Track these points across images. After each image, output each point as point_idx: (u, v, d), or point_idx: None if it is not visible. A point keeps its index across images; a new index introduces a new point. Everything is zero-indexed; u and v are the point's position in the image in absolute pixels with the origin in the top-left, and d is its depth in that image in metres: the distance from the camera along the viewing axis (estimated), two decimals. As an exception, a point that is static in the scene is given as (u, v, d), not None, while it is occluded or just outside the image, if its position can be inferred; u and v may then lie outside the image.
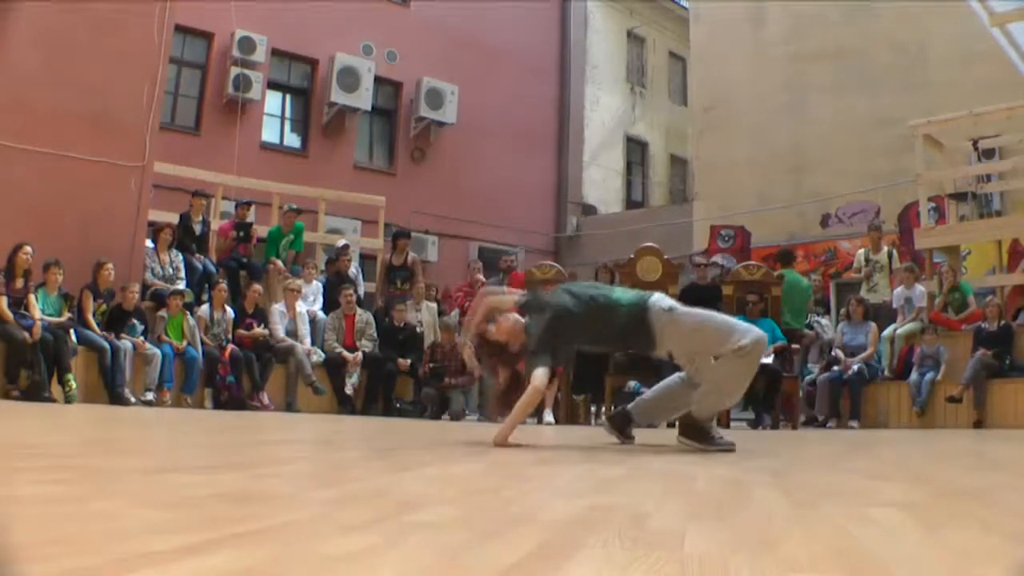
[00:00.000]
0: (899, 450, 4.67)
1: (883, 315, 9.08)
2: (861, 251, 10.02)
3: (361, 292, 9.81)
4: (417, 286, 9.44)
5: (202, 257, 8.94)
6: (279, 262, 9.39)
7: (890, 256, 9.64)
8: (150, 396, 7.54)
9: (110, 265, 7.76)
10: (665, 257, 8.88)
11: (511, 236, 15.69)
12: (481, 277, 9.72)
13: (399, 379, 8.76)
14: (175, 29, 9.46)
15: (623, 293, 3.87)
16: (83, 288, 7.60)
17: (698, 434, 3.70)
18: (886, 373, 8.73)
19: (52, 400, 6.81)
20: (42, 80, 7.90)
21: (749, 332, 3.64)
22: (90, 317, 7.51)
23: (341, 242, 10.20)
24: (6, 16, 7.78)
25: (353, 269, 9.99)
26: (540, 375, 3.54)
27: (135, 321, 7.74)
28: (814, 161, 13.40)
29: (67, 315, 7.36)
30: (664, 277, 8.69)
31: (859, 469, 3.00)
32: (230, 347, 8.09)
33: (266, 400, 8.11)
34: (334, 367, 8.55)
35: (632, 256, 8.88)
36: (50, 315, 7.21)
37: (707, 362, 3.68)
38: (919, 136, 9.82)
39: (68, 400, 6.86)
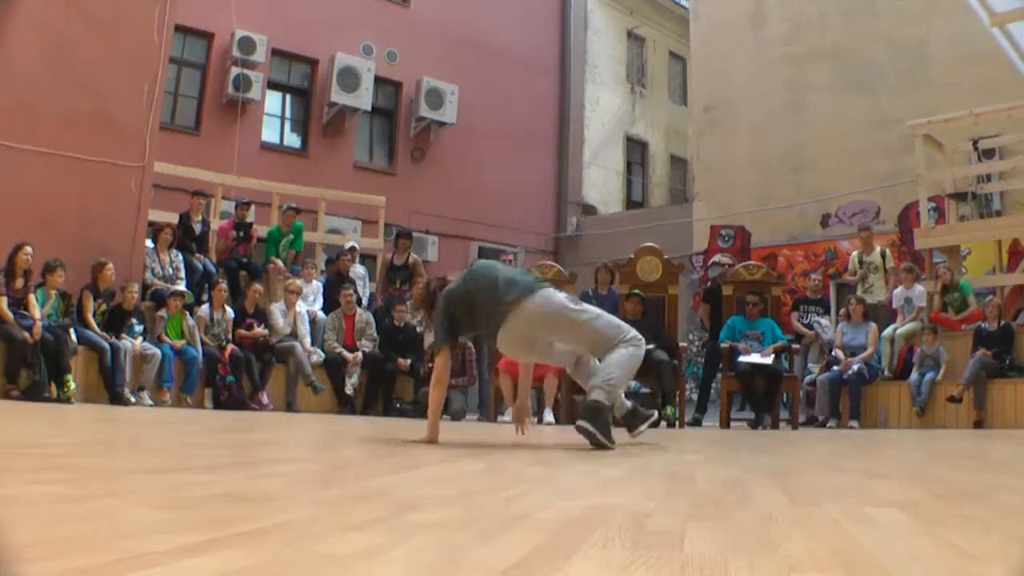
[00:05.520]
0: (899, 450, 4.67)
1: (881, 316, 9.06)
2: (854, 254, 9.98)
3: (367, 292, 9.82)
4: (416, 286, 9.43)
5: (202, 257, 8.93)
6: (279, 262, 9.39)
7: (883, 256, 9.62)
8: (146, 396, 7.54)
9: (110, 265, 7.76)
10: (665, 257, 8.88)
11: (511, 236, 15.69)
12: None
13: (399, 379, 8.75)
14: (175, 29, 9.45)
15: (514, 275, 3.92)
16: (83, 288, 7.60)
17: (603, 422, 3.57)
18: (886, 373, 8.73)
19: (52, 400, 6.81)
20: (42, 80, 7.90)
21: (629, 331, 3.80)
22: (90, 317, 7.52)
23: (349, 244, 10.21)
24: (6, 16, 7.78)
25: (361, 269, 10.00)
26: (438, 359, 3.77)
27: (135, 321, 7.74)
28: (814, 161, 13.40)
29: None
30: (664, 277, 8.70)
31: (859, 469, 2.99)
32: (230, 347, 8.09)
33: (266, 400, 8.11)
34: (334, 367, 8.55)
35: (632, 256, 8.88)
36: (50, 315, 7.21)
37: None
38: (919, 136, 9.81)
39: (67, 400, 6.85)
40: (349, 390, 8.50)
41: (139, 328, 7.76)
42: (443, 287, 3.89)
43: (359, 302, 9.13)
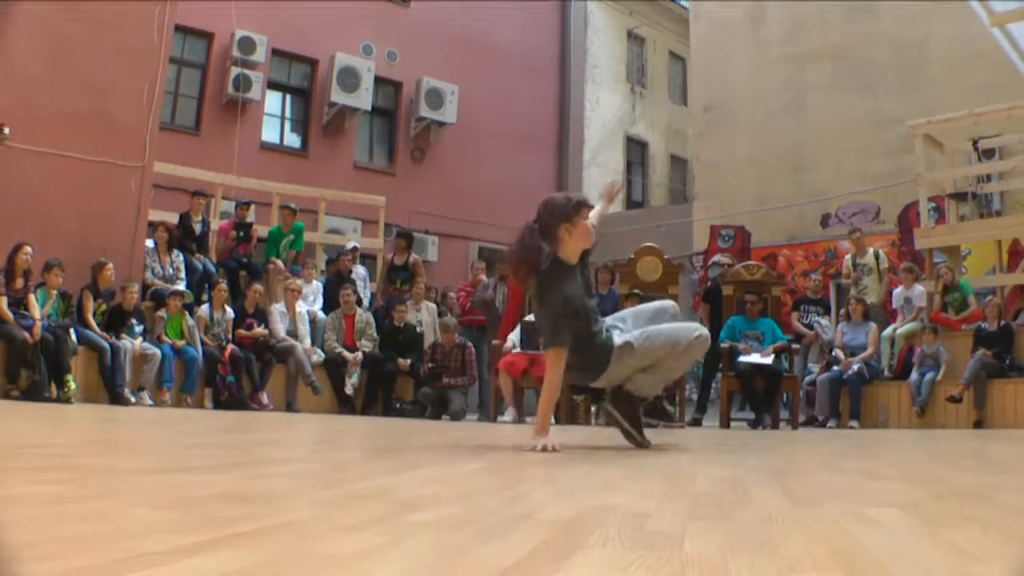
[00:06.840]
0: (899, 450, 4.67)
1: (876, 318, 9.05)
2: (847, 257, 9.97)
3: (368, 292, 9.82)
4: (417, 286, 9.45)
5: (202, 257, 8.94)
6: (279, 262, 9.40)
7: (877, 257, 9.62)
8: (146, 396, 7.54)
9: (110, 265, 7.77)
10: (665, 257, 8.88)
11: (511, 236, 15.63)
12: (484, 277, 9.73)
13: (399, 379, 8.76)
14: (175, 29, 9.46)
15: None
16: (83, 288, 7.60)
17: (631, 410, 3.56)
18: (886, 373, 8.73)
19: (52, 400, 6.82)
20: (42, 80, 7.90)
21: (692, 331, 3.59)
22: (90, 317, 7.52)
23: (351, 244, 10.22)
24: (6, 16, 7.78)
25: (362, 270, 10.00)
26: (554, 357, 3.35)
27: (135, 321, 7.74)
28: (814, 161, 13.40)
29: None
30: (664, 277, 8.71)
31: (859, 469, 2.99)
32: (230, 347, 8.09)
33: (266, 400, 8.11)
34: (334, 367, 8.55)
35: (632, 256, 8.89)
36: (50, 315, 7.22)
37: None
38: (919, 136, 9.82)
39: (67, 400, 6.86)
40: (349, 390, 8.51)
41: (139, 328, 7.76)
42: None
43: (359, 302, 9.13)
